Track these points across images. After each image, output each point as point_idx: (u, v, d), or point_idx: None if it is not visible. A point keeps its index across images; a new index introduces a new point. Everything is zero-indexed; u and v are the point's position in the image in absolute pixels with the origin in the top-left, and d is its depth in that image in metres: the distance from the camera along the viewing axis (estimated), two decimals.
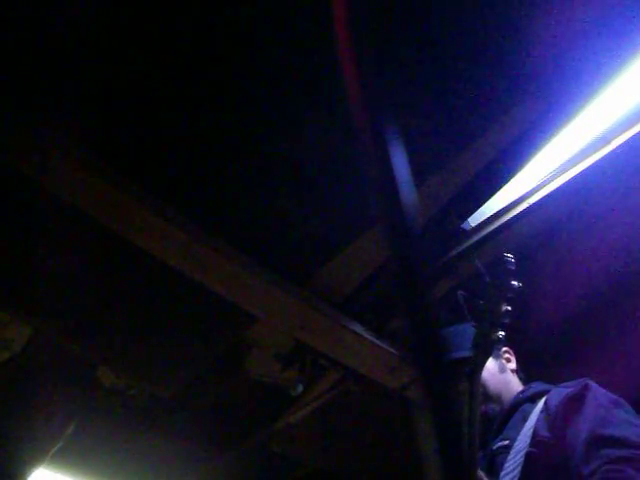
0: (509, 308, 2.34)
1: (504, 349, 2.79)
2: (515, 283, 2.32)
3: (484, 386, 2.62)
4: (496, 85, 2.24)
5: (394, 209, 0.81)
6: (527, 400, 2.55)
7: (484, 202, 2.65)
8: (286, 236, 2.56)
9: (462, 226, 2.77)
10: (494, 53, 2.16)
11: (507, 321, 2.35)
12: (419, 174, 2.40)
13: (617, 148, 2.47)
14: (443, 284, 2.79)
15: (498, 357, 2.75)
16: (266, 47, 2.12)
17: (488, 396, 2.63)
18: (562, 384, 2.49)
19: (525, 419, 2.45)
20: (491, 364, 2.67)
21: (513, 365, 2.76)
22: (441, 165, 2.44)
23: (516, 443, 2.41)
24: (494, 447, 2.53)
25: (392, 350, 2.85)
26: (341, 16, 0.94)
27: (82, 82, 2.15)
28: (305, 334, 2.80)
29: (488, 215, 2.73)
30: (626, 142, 2.45)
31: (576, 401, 2.32)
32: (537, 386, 2.61)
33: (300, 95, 2.21)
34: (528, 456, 2.33)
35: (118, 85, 2.17)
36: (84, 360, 3.01)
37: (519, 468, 2.34)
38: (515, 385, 2.69)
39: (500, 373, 2.71)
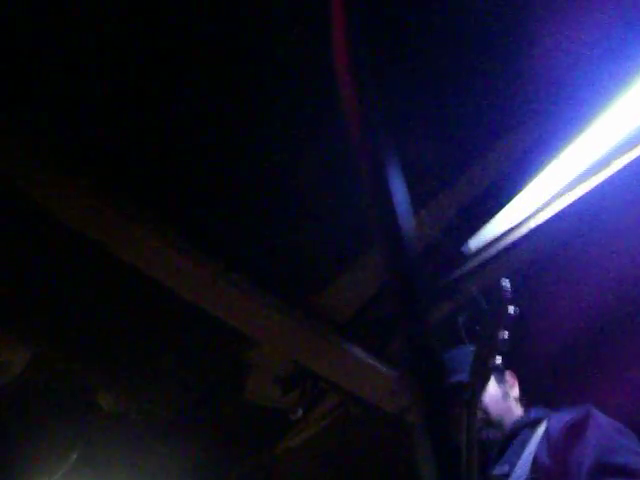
0: (507, 335, 2.33)
1: (508, 374, 2.77)
2: (512, 310, 2.31)
3: (486, 412, 2.60)
4: (497, 108, 2.24)
5: (391, 233, 0.81)
6: (527, 426, 2.51)
7: (484, 225, 2.65)
8: (286, 260, 2.56)
9: (462, 249, 2.77)
10: (494, 77, 2.17)
11: (505, 348, 2.34)
12: (420, 197, 2.40)
13: (618, 171, 2.46)
14: (443, 307, 2.79)
15: (501, 383, 2.73)
16: (268, 85, 2.14)
17: (489, 422, 2.60)
18: (562, 410, 2.46)
19: (525, 445, 2.42)
20: (494, 390, 2.65)
21: (516, 392, 2.73)
22: (441, 188, 2.44)
23: (516, 469, 2.38)
24: (494, 473, 2.50)
25: (392, 373, 2.84)
26: (340, 43, 0.95)
27: (93, 108, 2.17)
28: (305, 357, 2.79)
29: (488, 238, 2.73)
30: (627, 164, 2.45)
31: (578, 428, 2.28)
32: (537, 412, 2.58)
33: (300, 126, 2.22)
34: None
35: (125, 110, 2.19)
36: (83, 384, 3.00)
37: None
38: (517, 412, 2.65)
39: (503, 399, 2.68)
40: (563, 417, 2.37)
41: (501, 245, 2.68)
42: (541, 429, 2.42)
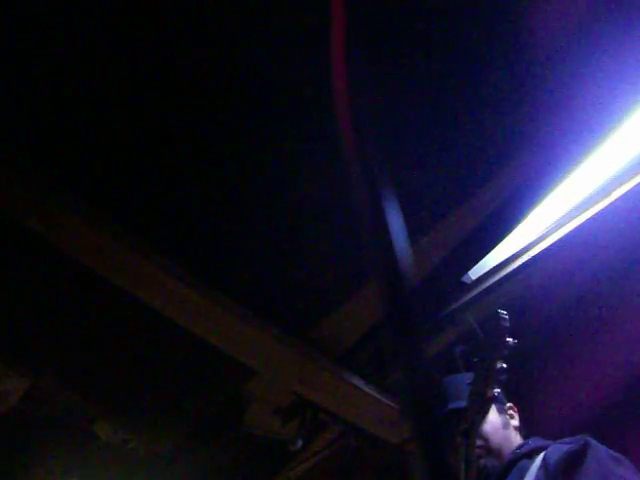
0: (504, 365, 2.33)
1: (509, 405, 2.75)
2: (510, 340, 2.30)
3: (486, 440, 2.60)
4: (497, 138, 2.25)
5: (388, 264, 0.81)
6: (524, 456, 2.50)
7: (485, 255, 2.65)
8: (286, 290, 2.56)
9: (462, 279, 2.76)
10: (494, 106, 2.18)
11: (503, 378, 2.34)
12: (420, 227, 2.40)
13: (617, 200, 2.47)
14: (443, 337, 2.78)
15: (502, 412, 2.72)
16: (266, 116, 2.15)
17: (489, 450, 2.60)
18: (560, 440, 2.45)
19: (523, 476, 2.41)
20: (495, 418, 2.66)
21: (516, 422, 2.72)
22: (442, 218, 2.44)
23: None
24: None
25: (392, 404, 2.83)
26: (339, 75, 0.95)
27: (90, 141, 2.17)
28: (305, 388, 2.77)
29: (488, 268, 2.73)
30: (626, 194, 2.45)
31: (576, 458, 2.27)
32: (534, 442, 2.57)
33: (295, 151, 2.23)
34: None
35: (122, 142, 2.19)
36: (81, 414, 2.98)
37: None
38: (516, 441, 2.65)
39: (503, 429, 2.68)
40: (561, 447, 2.36)
41: (501, 274, 2.68)
42: (539, 459, 2.41)
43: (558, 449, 2.37)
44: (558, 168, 2.40)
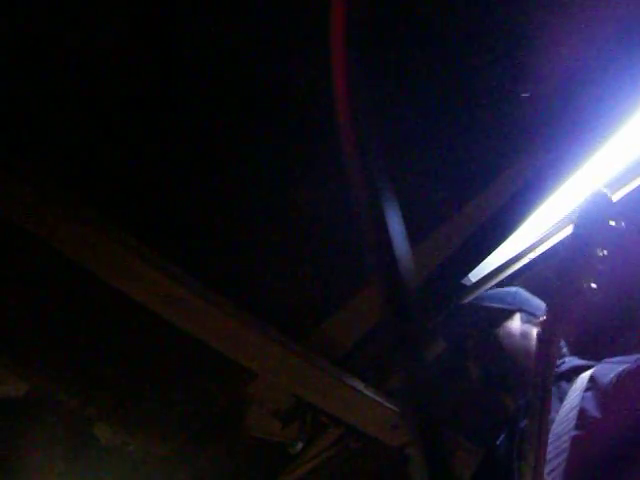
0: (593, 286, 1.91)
1: (542, 318, 2.27)
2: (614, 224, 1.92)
3: (500, 345, 2.44)
4: (497, 141, 2.24)
5: (389, 268, 0.80)
6: (561, 377, 2.24)
7: (485, 257, 2.64)
8: (285, 293, 2.55)
9: (462, 282, 2.76)
10: (492, 109, 2.18)
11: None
12: (421, 229, 2.40)
13: (617, 202, 2.46)
14: (441, 342, 2.77)
15: (528, 322, 2.49)
16: (264, 120, 2.15)
17: (501, 355, 2.43)
18: (607, 360, 2.18)
19: (562, 398, 2.15)
20: (515, 326, 2.50)
21: None
22: (442, 220, 2.44)
23: (554, 426, 2.08)
24: (523, 427, 2.13)
25: (393, 407, 2.82)
26: (340, 76, 0.95)
27: (86, 141, 2.17)
28: (305, 391, 2.77)
29: (489, 270, 2.72)
30: (627, 195, 2.44)
31: (635, 377, 1.99)
32: (572, 361, 2.32)
33: (295, 153, 2.22)
34: (574, 440, 2.01)
35: (121, 142, 2.19)
36: (81, 416, 2.98)
37: (564, 455, 2.00)
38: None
39: (521, 338, 2.44)
40: (613, 367, 2.12)
41: (503, 275, 2.68)
42: (581, 380, 2.18)
43: (610, 369, 2.12)
44: (560, 170, 2.39)
